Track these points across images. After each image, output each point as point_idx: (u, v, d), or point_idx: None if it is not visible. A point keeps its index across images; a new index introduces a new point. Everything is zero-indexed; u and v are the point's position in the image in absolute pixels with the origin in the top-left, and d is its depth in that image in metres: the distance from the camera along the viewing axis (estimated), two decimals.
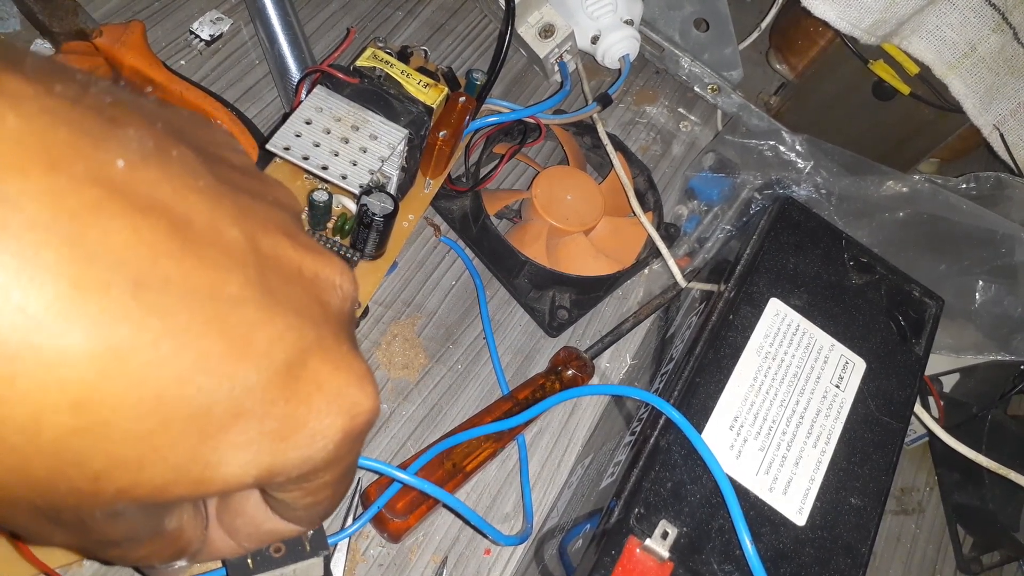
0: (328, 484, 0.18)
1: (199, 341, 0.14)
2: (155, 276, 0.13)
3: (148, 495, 0.15)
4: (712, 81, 0.56)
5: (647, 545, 0.28)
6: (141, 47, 0.42)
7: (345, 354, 0.17)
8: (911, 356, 0.37)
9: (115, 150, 0.13)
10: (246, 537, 0.22)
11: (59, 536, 0.16)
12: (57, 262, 0.12)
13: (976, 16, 0.46)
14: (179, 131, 0.16)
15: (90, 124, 0.13)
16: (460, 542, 0.39)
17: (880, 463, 0.34)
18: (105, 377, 0.13)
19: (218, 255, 0.14)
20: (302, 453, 0.16)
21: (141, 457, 0.14)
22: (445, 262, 0.46)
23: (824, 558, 0.30)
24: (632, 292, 0.49)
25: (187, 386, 0.14)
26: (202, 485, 0.15)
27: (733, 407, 0.32)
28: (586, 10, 0.52)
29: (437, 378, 0.43)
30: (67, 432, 0.13)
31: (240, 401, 0.15)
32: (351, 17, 0.52)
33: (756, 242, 0.38)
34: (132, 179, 0.13)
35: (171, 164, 0.14)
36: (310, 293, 0.17)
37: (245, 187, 0.17)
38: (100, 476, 0.14)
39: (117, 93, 0.15)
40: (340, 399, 0.17)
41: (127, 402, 0.13)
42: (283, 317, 0.15)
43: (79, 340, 0.12)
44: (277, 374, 0.15)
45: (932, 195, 0.46)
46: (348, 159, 0.35)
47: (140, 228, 0.13)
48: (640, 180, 0.50)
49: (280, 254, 0.16)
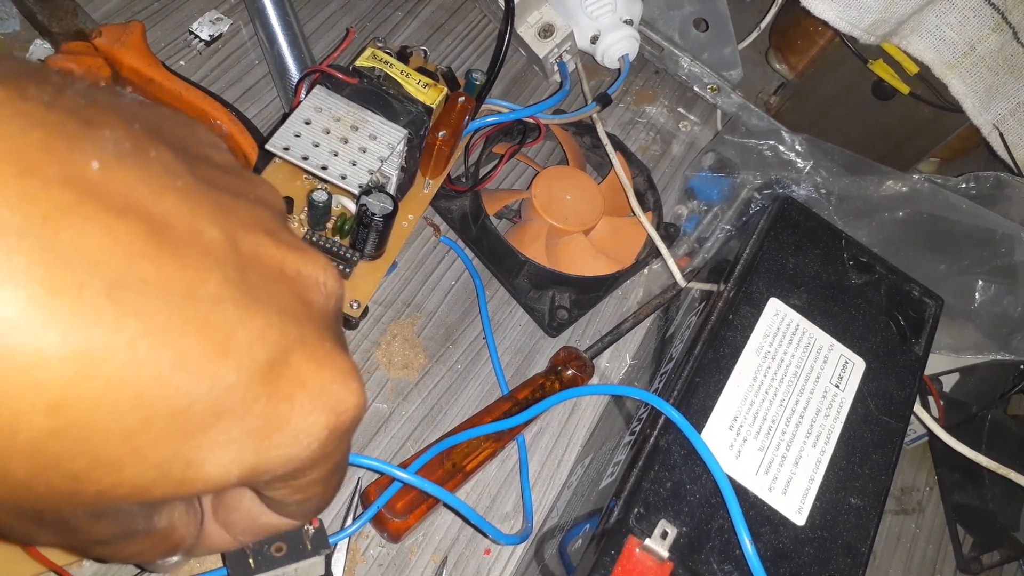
0: (317, 481, 0.18)
1: (178, 341, 0.14)
2: (131, 277, 0.13)
3: (130, 495, 0.15)
4: (712, 81, 0.56)
5: (647, 545, 0.28)
6: (141, 47, 0.42)
7: (329, 351, 0.17)
8: (911, 356, 0.37)
9: (90, 152, 0.13)
10: (242, 531, 0.22)
11: (44, 536, 0.16)
12: (29, 266, 0.12)
13: (976, 16, 0.46)
14: (159, 130, 0.16)
15: (65, 126, 0.13)
16: (460, 542, 0.39)
17: (880, 463, 0.34)
18: (81, 378, 0.13)
19: (196, 255, 0.14)
20: (286, 452, 0.16)
21: (121, 457, 0.14)
22: (445, 262, 0.46)
23: (824, 558, 0.30)
24: (632, 292, 0.49)
25: (166, 386, 0.14)
26: (185, 484, 0.15)
27: (733, 407, 0.32)
28: (585, 10, 0.52)
29: (437, 378, 0.43)
30: (44, 433, 0.13)
31: (221, 400, 0.15)
32: (351, 17, 0.52)
33: (756, 242, 0.38)
34: (107, 180, 0.13)
35: (149, 164, 0.14)
36: (292, 291, 0.17)
37: (226, 185, 0.17)
38: (80, 476, 0.14)
39: (94, 94, 0.15)
40: (324, 396, 0.16)
41: (105, 403, 0.13)
42: (264, 315, 0.15)
43: (54, 342, 0.12)
44: (258, 372, 0.15)
45: (932, 195, 0.46)
46: (347, 159, 0.35)
47: (115, 230, 0.13)
48: (640, 180, 0.50)
49: (261, 252, 0.16)
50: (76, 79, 0.15)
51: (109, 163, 0.13)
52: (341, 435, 0.17)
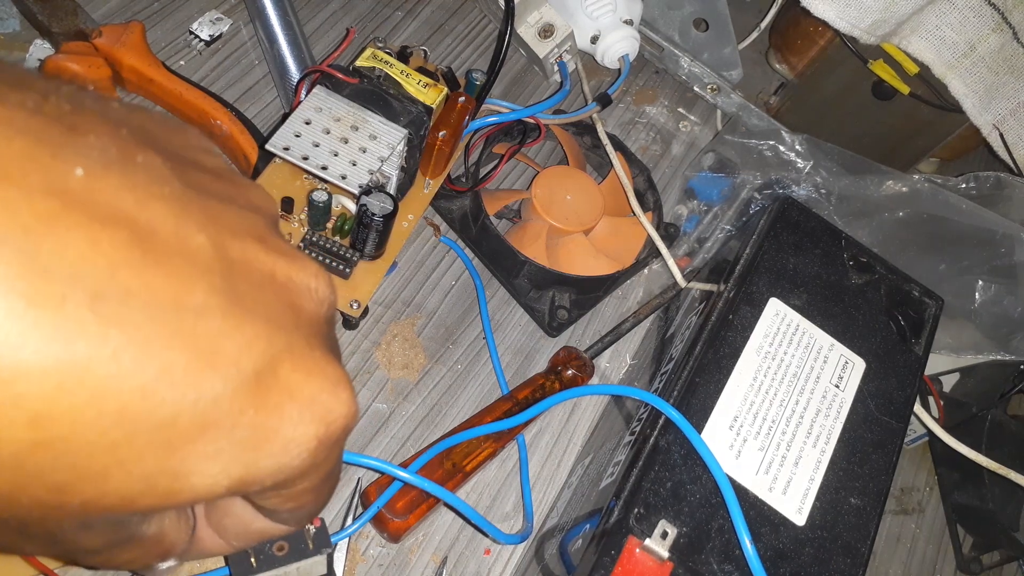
0: (308, 490, 0.18)
1: (162, 353, 0.13)
2: (114, 288, 0.13)
3: (116, 506, 0.15)
4: (712, 81, 0.56)
5: (647, 545, 0.28)
6: (141, 47, 0.43)
7: (318, 359, 0.17)
8: (911, 356, 0.37)
9: (74, 159, 0.13)
10: (235, 536, 0.22)
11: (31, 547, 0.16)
12: (8, 277, 0.12)
13: (976, 16, 0.46)
14: (147, 135, 0.16)
15: (49, 133, 0.13)
16: (460, 542, 0.39)
17: (880, 463, 0.34)
18: (63, 391, 0.13)
19: (182, 263, 0.14)
20: (276, 462, 0.16)
21: (106, 469, 0.14)
22: (445, 262, 0.46)
23: (824, 558, 0.30)
24: (632, 292, 0.49)
25: (151, 399, 0.13)
26: (171, 496, 0.15)
27: (733, 407, 0.32)
28: (585, 10, 0.52)
29: (437, 378, 0.43)
30: (27, 446, 0.13)
31: (207, 412, 0.14)
32: (351, 17, 0.52)
33: (756, 242, 0.38)
34: (91, 188, 0.13)
35: (135, 171, 0.14)
36: (282, 298, 0.16)
37: (216, 191, 0.16)
38: (64, 489, 0.14)
39: (80, 99, 0.15)
40: (313, 406, 0.16)
41: (87, 415, 0.13)
42: (251, 325, 0.15)
43: (35, 355, 0.12)
44: (245, 383, 0.15)
45: (932, 195, 0.46)
46: (347, 159, 0.35)
47: (98, 239, 0.13)
48: (640, 180, 0.50)
49: (250, 259, 0.16)
50: (62, 84, 0.15)
51: (94, 170, 0.13)
52: (331, 444, 0.17)
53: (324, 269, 0.18)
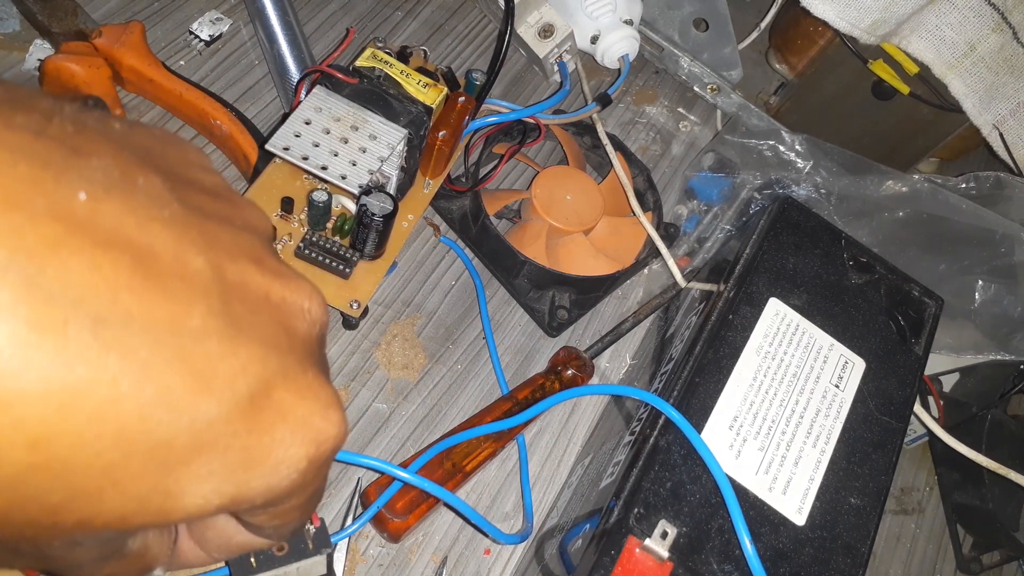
0: (295, 507, 0.18)
1: (160, 376, 0.14)
2: (116, 312, 0.13)
3: (108, 525, 0.15)
4: (711, 81, 0.56)
5: (647, 545, 0.28)
6: (140, 47, 0.43)
7: (311, 381, 0.17)
8: (911, 356, 0.37)
9: (77, 183, 0.13)
10: (216, 549, 0.22)
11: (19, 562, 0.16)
12: (12, 303, 0.12)
13: (976, 16, 0.46)
14: (148, 154, 0.16)
15: (52, 156, 0.13)
16: (460, 542, 0.39)
17: (880, 463, 0.34)
18: (63, 415, 0.13)
19: (182, 287, 0.14)
20: (266, 482, 0.16)
21: (101, 490, 0.14)
22: (445, 262, 0.46)
23: (824, 558, 0.30)
24: (632, 292, 0.49)
25: (147, 421, 0.14)
26: (164, 515, 0.15)
27: (732, 407, 0.32)
28: (585, 10, 0.52)
29: (437, 378, 0.43)
30: (24, 468, 0.13)
31: (202, 434, 0.14)
32: (351, 17, 0.52)
33: (756, 242, 0.38)
34: (94, 212, 0.13)
35: (136, 194, 0.14)
36: (276, 320, 0.17)
37: (213, 211, 0.17)
38: (59, 509, 0.14)
39: (83, 120, 0.15)
40: (304, 428, 0.16)
41: (86, 438, 0.13)
42: (247, 347, 0.15)
43: (36, 379, 0.12)
44: (239, 406, 0.15)
45: (932, 195, 0.46)
46: (347, 159, 0.35)
47: (101, 264, 0.13)
48: (640, 180, 0.50)
49: (247, 281, 0.16)
50: (65, 103, 0.15)
51: (96, 194, 0.13)
52: (320, 465, 0.17)
53: (318, 289, 0.18)
